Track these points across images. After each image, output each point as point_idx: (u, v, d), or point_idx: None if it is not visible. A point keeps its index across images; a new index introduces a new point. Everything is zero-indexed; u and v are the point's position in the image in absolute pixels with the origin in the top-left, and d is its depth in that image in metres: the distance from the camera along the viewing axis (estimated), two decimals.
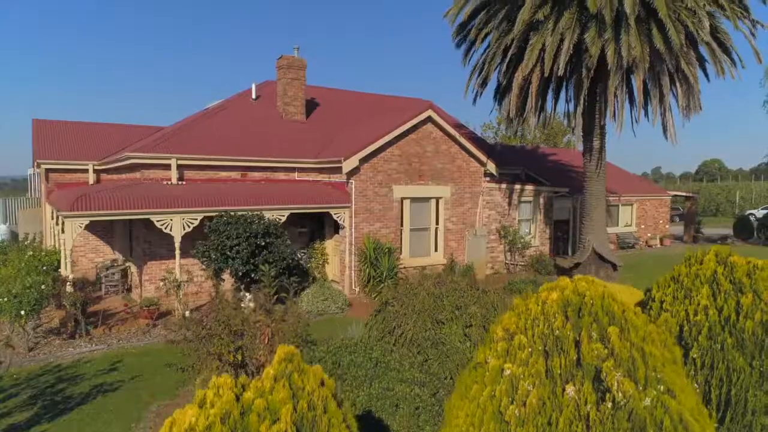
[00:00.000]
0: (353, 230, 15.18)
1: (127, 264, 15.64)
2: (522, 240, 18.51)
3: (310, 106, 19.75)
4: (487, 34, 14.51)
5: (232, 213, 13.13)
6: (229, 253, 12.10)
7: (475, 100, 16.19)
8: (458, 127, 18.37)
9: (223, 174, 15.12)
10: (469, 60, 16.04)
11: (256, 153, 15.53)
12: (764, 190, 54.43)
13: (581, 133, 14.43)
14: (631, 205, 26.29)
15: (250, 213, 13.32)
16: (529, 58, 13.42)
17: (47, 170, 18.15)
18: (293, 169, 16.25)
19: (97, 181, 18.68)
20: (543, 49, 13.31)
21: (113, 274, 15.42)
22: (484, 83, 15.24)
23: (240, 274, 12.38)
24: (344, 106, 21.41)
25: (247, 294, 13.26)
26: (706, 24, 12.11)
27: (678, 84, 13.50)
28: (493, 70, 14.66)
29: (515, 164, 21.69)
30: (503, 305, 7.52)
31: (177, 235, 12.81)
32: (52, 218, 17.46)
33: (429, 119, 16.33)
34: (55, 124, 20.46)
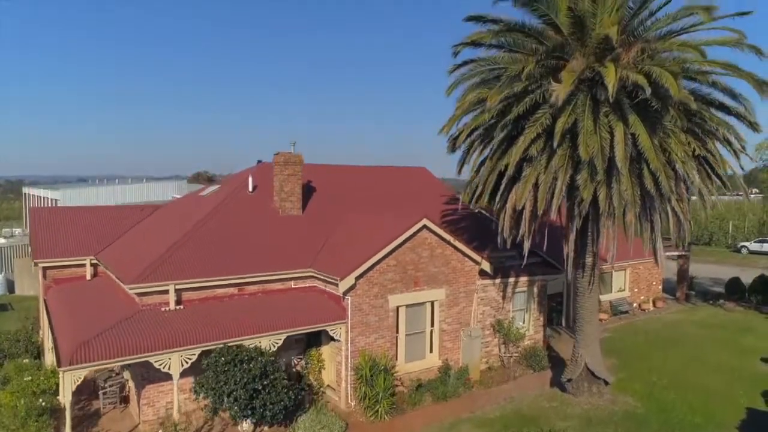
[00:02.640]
0: (350, 344, 15.37)
1: (125, 377, 15.78)
2: (517, 332, 18.74)
3: (306, 191, 19.87)
4: (482, 161, 14.67)
5: (231, 345, 13.37)
6: (226, 399, 12.29)
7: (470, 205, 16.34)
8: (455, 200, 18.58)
9: (220, 291, 15.26)
10: (462, 169, 16.25)
11: (252, 268, 15.67)
12: (756, 221, 54.90)
13: (573, 253, 14.62)
14: (624, 270, 26.57)
15: (247, 345, 13.56)
16: (524, 191, 13.62)
17: (45, 268, 18.25)
18: (290, 279, 16.40)
19: (95, 274, 18.80)
20: (536, 184, 13.51)
21: (111, 386, 15.55)
22: (478, 198, 15.41)
23: (238, 414, 12.59)
24: (341, 187, 21.56)
25: (245, 423, 13.51)
26: (695, 175, 12.32)
27: (669, 214, 13.70)
28: (488, 190, 14.82)
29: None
30: None
31: (175, 373, 12.98)
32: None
33: (424, 227, 16.51)
34: (51, 211, 20.62)
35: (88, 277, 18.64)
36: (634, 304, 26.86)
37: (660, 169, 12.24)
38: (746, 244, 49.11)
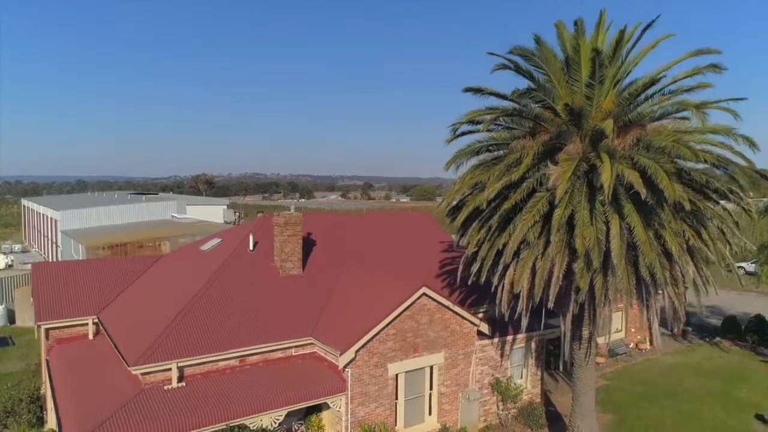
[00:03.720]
0: (350, 415, 15.59)
1: None
2: (515, 389, 18.94)
3: (306, 244, 20.03)
4: (480, 240, 14.85)
5: (233, 426, 13.60)
6: None
7: (467, 280, 16.54)
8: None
9: (222, 364, 15.45)
10: (459, 242, 16.43)
11: (254, 339, 15.86)
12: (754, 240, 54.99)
13: (569, 332, 14.82)
14: (621, 311, 26.72)
15: (249, 424, 13.78)
16: (521, 275, 13.82)
17: (47, 330, 18.42)
18: (291, 347, 16.58)
19: (97, 332, 18.97)
20: (534, 269, 13.70)
21: None
22: (477, 277, 15.59)
23: None
24: (341, 237, 21.76)
25: None
26: (689, 270, 12.53)
27: (665, 298, 13.90)
28: (486, 266, 15.00)
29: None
30: None
31: None
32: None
33: (423, 294, 16.70)
34: (52, 266, 20.74)
35: (91, 337, 18.82)
36: (631, 345, 27.09)
37: (655, 260, 12.44)
38: (743, 264, 49.16)
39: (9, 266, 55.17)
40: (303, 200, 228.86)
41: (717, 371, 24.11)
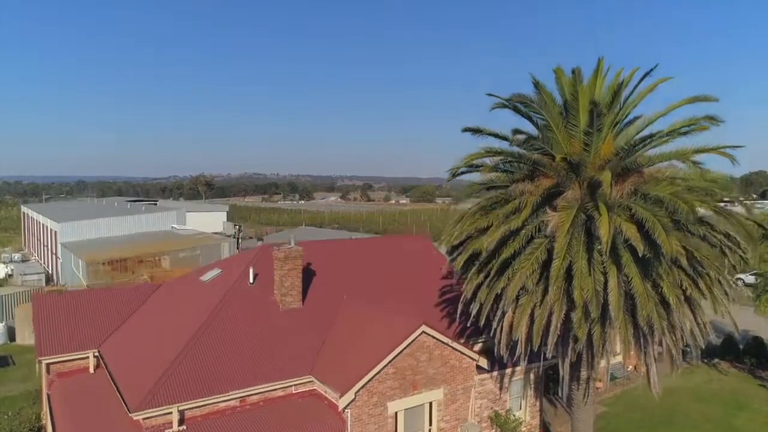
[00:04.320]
0: None
1: None
2: (513, 421, 19.05)
3: (306, 274, 20.09)
4: (479, 283, 14.94)
5: None
6: None
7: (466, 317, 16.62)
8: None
9: (223, 405, 15.53)
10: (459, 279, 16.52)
11: (254, 379, 15.94)
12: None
13: (567, 376, 14.90)
14: None
15: None
16: (520, 322, 13.91)
17: (48, 364, 18.50)
18: (291, 386, 16.66)
19: (97, 366, 19.04)
20: (532, 317, 13.78)
21: None
22: (477, 318, 15.67)
23: None
24: (340, 265, 21.81)
25: None
26: (687, 322, 12.63)
27: (663, 345, 13.99)
28: (484, 312, 15.09)
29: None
30: None
31: None
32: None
33: (422, 332, 16.78)
34: (52, 298, 20.78)
35: (92, 370, 18.90)
36: (630, 367, 27.18)
37: (653, 312, 12.53)
38: (741, 276, 49.17)
39: (9, 276, 55.27)
40: (302, 202, 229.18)
41: (715, 396, 24.22)
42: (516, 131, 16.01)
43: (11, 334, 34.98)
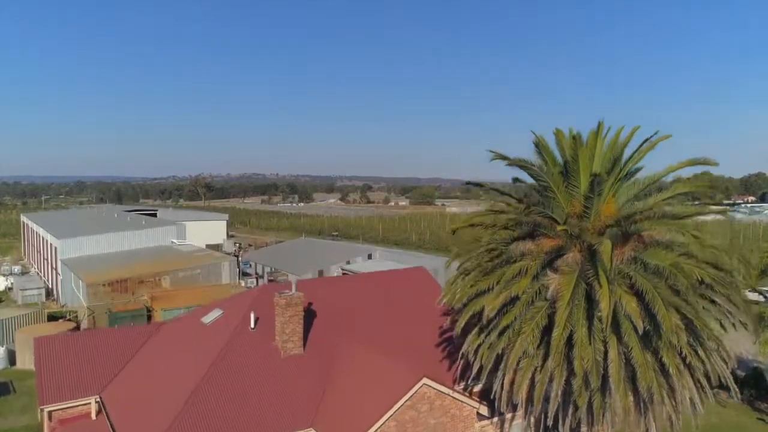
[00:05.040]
0: None
1: None
2: None
3: (307, 316, 20.14)
4: (479, 344, 15.00)
5: None
6: None
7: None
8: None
9: None
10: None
11: None
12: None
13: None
14: None
15: None
16: (521, 386, 13.97)
17: (50, 412, 18.55)
18: None
19: (99, 412, 19.10)
20: (533, 382, 13.85)
21: None
22: (478, 374, 15.73)
23: None
24: (341, 304, 21.87)
25: None
26: (687, 393, 12.70)
27: (663, 411, 14.06)
28: (485, 373, 15.18)
29: None
30: None
31: None
32: None
33: (423, 384, 16.85)
34: (54, 341, 20.82)
35: (93, 416, 18.96)
36: None
37: (653, 381, 12.60)
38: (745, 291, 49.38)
39: (9, 289, 55.29)
40: (302, 204, 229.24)
41: (716, 430, 24.29)
42: (516, 180, 16.13)
43: (12, 357, 34.95)
